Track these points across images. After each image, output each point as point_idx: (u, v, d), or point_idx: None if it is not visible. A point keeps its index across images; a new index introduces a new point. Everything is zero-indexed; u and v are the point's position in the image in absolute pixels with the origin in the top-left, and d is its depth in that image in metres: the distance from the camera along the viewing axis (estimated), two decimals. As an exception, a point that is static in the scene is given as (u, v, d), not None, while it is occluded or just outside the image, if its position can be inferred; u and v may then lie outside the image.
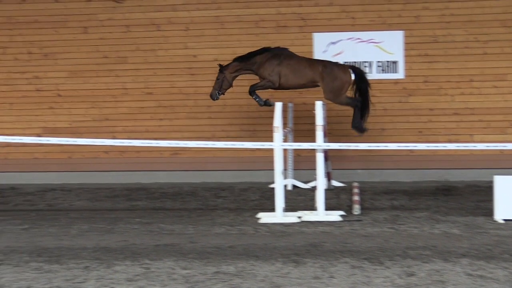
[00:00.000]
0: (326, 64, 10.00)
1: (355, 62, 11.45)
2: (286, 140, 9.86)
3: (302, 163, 11.09)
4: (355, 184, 10.28)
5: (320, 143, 8.32)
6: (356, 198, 9.02)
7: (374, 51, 11.51)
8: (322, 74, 9.85)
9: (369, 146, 8.74)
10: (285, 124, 9.58)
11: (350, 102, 9.95)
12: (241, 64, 10.06)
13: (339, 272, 5.79)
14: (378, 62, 11.54)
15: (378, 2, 11.50)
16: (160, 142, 9.60)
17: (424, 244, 6.75)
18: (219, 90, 10.09)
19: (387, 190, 10.37)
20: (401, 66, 11.51)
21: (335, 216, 8.17)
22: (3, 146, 11.93)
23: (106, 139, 9.68)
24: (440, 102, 11.46)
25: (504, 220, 7.85)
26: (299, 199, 9.62)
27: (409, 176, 11.35)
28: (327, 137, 10.22)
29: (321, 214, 8.17)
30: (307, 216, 8.20)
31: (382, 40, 11.48)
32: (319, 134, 8.31)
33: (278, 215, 8.13)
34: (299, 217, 8.17)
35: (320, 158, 8.34)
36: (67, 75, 12.04)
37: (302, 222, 8.02)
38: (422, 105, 11.49)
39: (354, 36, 11.53)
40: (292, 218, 8.11)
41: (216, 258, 6.31)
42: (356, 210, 8.50)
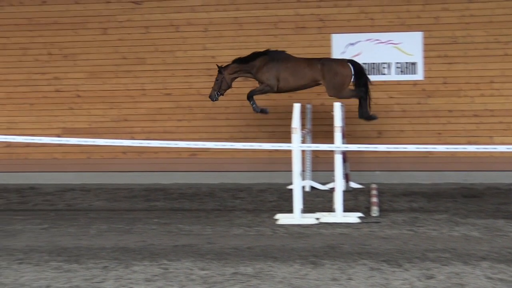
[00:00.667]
0: (324, 61, 9.93)
1: (374, 63, 11.43)
2: (304, 141, 9.84)
3: (320, 165, 11.07)
4: (374, 185, 10.24)
5: (338, 145, 8.29)
6: (374, 199, 8.98)
7: (393, 52, 11.46)
8: (322, 72, 9.80)
9: (388, 148, 8.70)
10: (303, 125, 9.56)
11: (355, 94, 9.92)
12: (240, 66, 10.05)
13: (357, 274, 5.76)
14: (397, 63, 11.48)
15: (397, 3, 11.45)
16: (178, 143, 9.63)
17: (443, 246, 6.70)
18: (218, 91, 10.10)
19: (406, 192, 10.32)
20: (420, 68, 11.45)
21: (353, 217, 8.15)
22: (23, 146, 12.04)
23: (125, 140, 9.73)
24: (459, 103, 11.38)
25: (524, 223, 7.79)
26: (317, 201, 9.59)
27: (428, 178, 11.28)
28: (346, 138, 10.21)
29: (339, 215, 8.15)
30: (325, 217, 8.18)
31: (401, 41, 11.43)
32: (338, 135, 8.28)
33: (296, 217, 8.11)
34: (317, 218, 8.15)
35: (338, 159, 8.32)
36: (87, 76, 12.12)
37: (320, 223, 8.00)
38: (441, 106, 11.41)
39: (372, 37, 11.49)
40: (310, 219, 8.09)
41: (234, 259, 6.31)
42: (374, 212, 8.46)
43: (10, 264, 6.28)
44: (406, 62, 11.46)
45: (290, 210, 8.32)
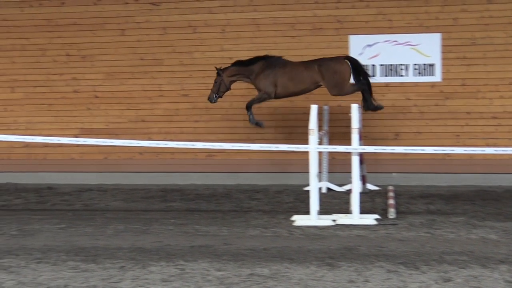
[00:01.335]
0: (321, 62, 9.88)
1: (391, 64, 11.38)
2: (321, 142, 9.82)
3: (336, 166, 11.04)
4: (391, 187, 10.20)
5: (355, 146, 8.26)
6: (391, 201, 8.94)
7: (410, 54, 11.40)
8: (321, 73, 9.77)
9: (405, 150, 8.66)
10: (320, 126, 9.54)
11: (357, 88, 9.88)
12: (239, 69, 10.06)
13: (374, 276, 5.74)
14: (415, 65, 11.42)
15: (415, 4, 11.39)
16: (195, 144, 9.63)
17: (460, 249, 6.65)
18: (217, 93, 10.13)
19: (423, 194, 10.26)
20: (438, 69, 11.38)
21: (370, 219, 8.11)
22: (42, 146, 12.13)
23: (142, 141, 9.78)
24: (478, 105, 11.29)
25: (543, 226, 7.71)
26: (334, 202, 9.57)
27: (445, 180, 11.21)
28: (363, 140, 10.16)
29: (356, 217, 8.12)
30: (342, 219, 8.16)
31: (419, 42, 11.37)
32: (355, 137, 8.26)
33: (313, 218, 8.10)
34: (334, 220, 8.13)
35: (355, 161, 8.29)
36: (104, 77, 12.20)
37: (337, 225, 7.97)
38: (459, 108, 11.34)
39: (390, 38, 11.44)
40: (326, 221, 8.07)
41: (250, 260, 6.31)
42: (391, 214, 8.42)
43: (29, 263, 6.32)
44: (424, 64, 11.40)
45: (306, 212, 8.31)
